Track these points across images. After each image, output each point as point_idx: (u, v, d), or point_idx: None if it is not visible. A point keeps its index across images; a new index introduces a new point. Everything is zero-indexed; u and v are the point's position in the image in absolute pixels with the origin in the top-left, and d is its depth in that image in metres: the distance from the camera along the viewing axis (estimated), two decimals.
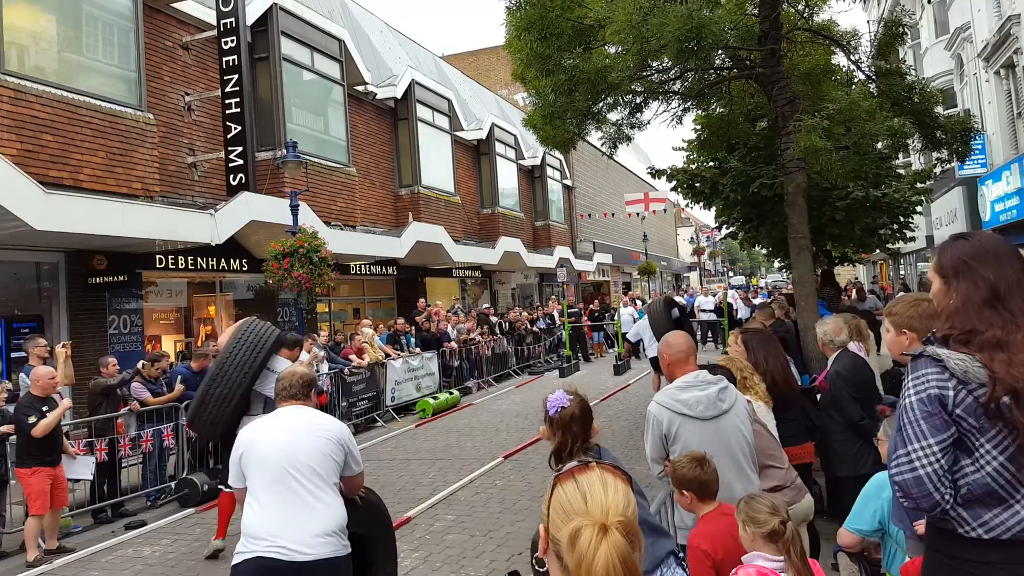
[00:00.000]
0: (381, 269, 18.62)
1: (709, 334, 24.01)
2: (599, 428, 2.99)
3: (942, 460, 1.98)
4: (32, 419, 7.02)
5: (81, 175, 9.90)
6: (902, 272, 31.45)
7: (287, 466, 3.48)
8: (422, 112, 20.22)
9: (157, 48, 12.45)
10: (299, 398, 3.80)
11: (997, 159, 17.83)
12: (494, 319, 20.56)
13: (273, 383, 5.94)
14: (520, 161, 27.50)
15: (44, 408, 7.14)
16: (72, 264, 11.07)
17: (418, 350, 15.68)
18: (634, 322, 21.84)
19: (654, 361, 12.52)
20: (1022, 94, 16.27)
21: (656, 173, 12.46)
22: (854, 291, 17.45)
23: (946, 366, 2.00)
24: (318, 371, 11.96)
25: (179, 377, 9.59)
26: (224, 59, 13.10)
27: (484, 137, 24.49)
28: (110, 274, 11.11)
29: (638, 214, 34.12)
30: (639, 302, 25.09)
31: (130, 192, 10.53)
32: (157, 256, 11.80)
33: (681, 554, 2.64)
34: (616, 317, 21.86)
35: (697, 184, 11.75)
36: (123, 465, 8.85)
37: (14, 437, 7.33)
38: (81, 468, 7.95)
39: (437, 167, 20.86)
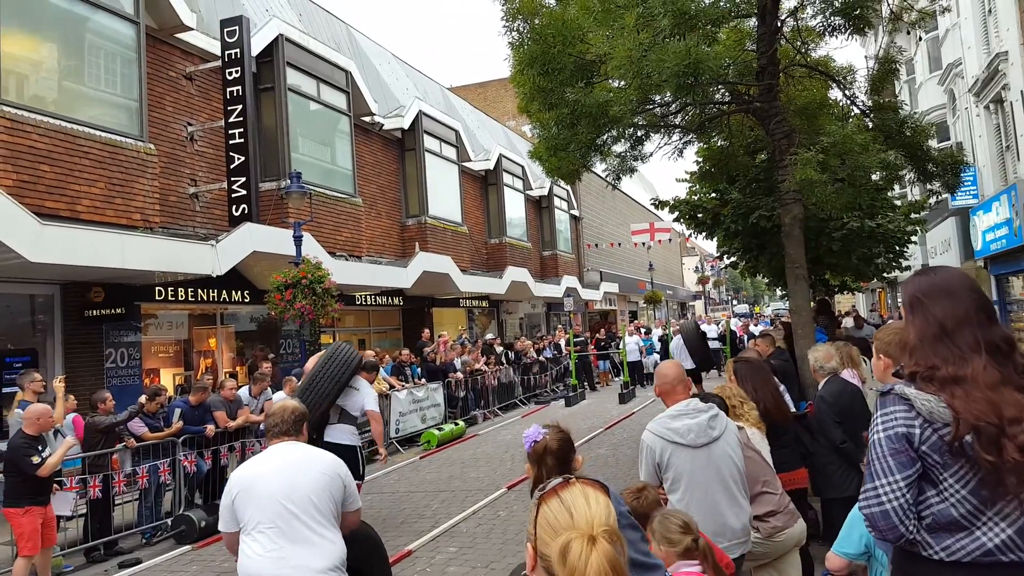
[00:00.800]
0: (387, 299, 18.59)
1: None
2: (582, 460, 2.99)
3: (907, 495, 2.07)
4: (35, 459, 6.78)
5: (79, 206, 9.93)
6: (899, 300, 31.59)
7: (287, 503, 3.40)
8: (429, 143, 20.32)
9: (160, 78, 12.56)
10: (291, 434, 3.69)
11: (988, 190, 18.11)
12: (499, 348, 20.49)
13: (352, 398, 7.72)
14: (528, 191, 27.58)
15: (38, 447, 6.95)
16: (68, 296, 11.03)
17: (423, 381, 15.60)
18: (639, 351, 22.50)
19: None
20: (1010, 128, 16.47)
21: (660, 204, 12.68)
22: (849, 319, 17.47)
23: (913, 405, 2.07)
24: None
25: (177, 412, 9.51)
26: (228, 89, 13.21)
27: (492, 168, 24.60)
28: (107, 306, 11.06)
29: (644, 243, 34.16)
30: (643, 331, 25.24)
31: (130, 223, 10.56)
32: (156, 288, 11.81)
33: None
34: (622, 346, 21.83)
35: (699, 215, 11.87)
36: (117, 502, 8.75)
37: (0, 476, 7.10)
38: (60, 504, 7.60)
39: (444, 197, 20.92)
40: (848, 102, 9.21)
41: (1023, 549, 2.01)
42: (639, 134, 9.76)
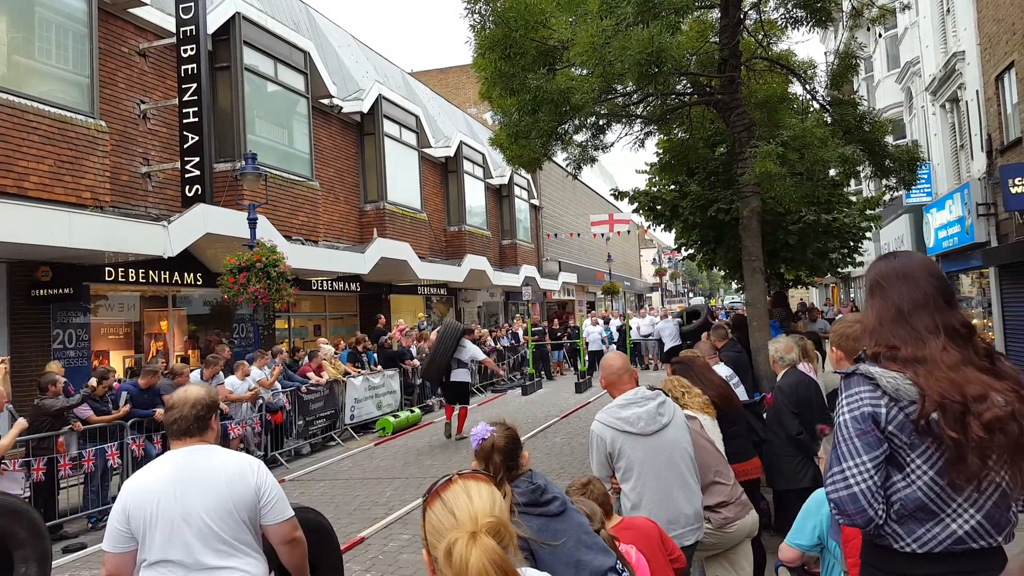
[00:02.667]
0: (344, 285, 18.40)
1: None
2: (528, 456, 2.95)
3: (875, 476, 2.04)
4: None
5: (27, 183, 9.62)
6: (852, 295, 32.40)
7: (183, 528, 2.86)
8: (389, 127, 20.11)
9: (112, 54, 12.19)
10: (193, 434, 3.04)
11: (941, 189, 18.58)
12: None
13: (462, 352, 12.40)
14: (488, 180, 27.49)
15: None
16: (14, 275, 10.67)
17: (379, 368, 15.48)
18: (602, 340, 22.72)
19: (670, 352, 18.08)
20: (965, 127, 16.88)
21: (619, 195, 12.68)
22: (803, 312, 17.82)
23: (878, 384, 2.05)
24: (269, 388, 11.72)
25: (124, 395, 9.29)
26: (183, 67, 12.88)
27: (452, 155, 24.44)
28: (55, 286, 10.76)
29: (603, 235, 34.32)
30: (602, 321, 25.41)
31: (79, 201, 10.26)
32: (106, 268, 11.50)
33: (625, 573, 2.67)
34: (581, 335, 21.95)
35: (658, 207, 11.93)
36: (63, 486, 8.52)
37: None
38: (10, 484, 7.49)
39: (404, 183, 20.74)
40: (808, 96, 9.33)
41: (992, 534, 2.02)
42: (600, 123, 9.75)
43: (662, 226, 12.43)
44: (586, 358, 21.05)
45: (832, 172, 10.74)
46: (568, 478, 9.16)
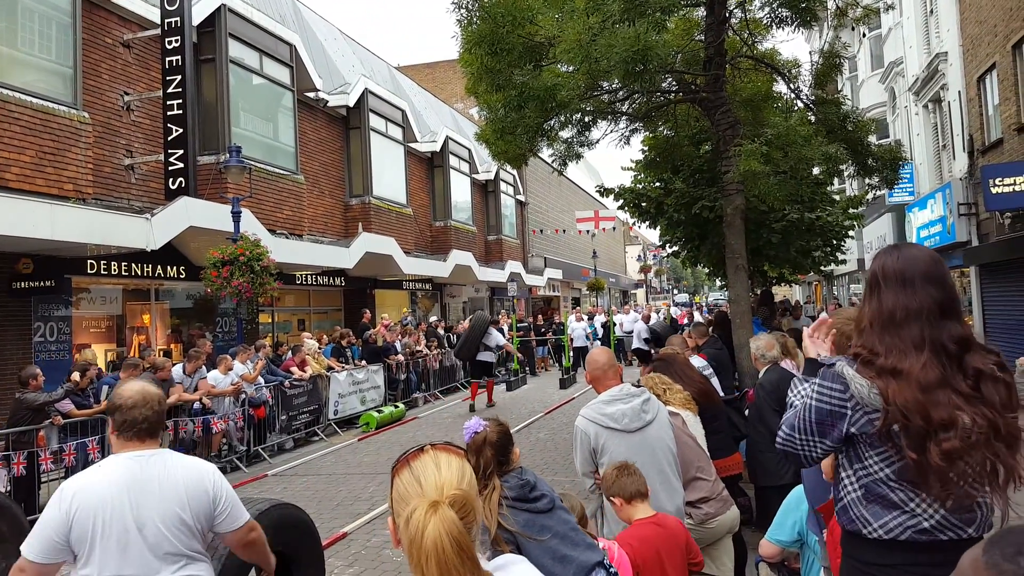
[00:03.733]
0: (329, 280, 18.33)
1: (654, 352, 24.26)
2: (519, 453, 2.98)
3: (819, 453, 2.22)
4: None
5: (8, 174, 9.52)
6: (835, 293, 32.65)
7: (138, 539, 2.65)
8: (375, 122, 20.03)
9: (96, 44, 12.06)
10: (144, 438, 2.78)
11: (924, 188, 18.74)
12: (442, 332, 20.44)
13: (488, 339, 15.60)
14: (474, 175, 27.44)
15: None
16: None
17: (364, 363, 15.45)
18: (587, 336, 22.82)
19: (637, 351, 19.64)
20: (947, 127, 17.02)
21: (605, 192, 12.69)
22: (788, 310, 17.94)
23: (848, 387, 2.11)
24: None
25: (106, 389, 9.24)
26: (167, 59, 12.76)
27: (438, 150, 24.37)
28: (37, 279, 10.64)
29: (588, 231, 34.37)
30: (587, 317, 25.55)
31: (61, 193, 10.17)
32: (89, 261, 11.39)
33: (612, 568, 2.71)
34: (566, 331, 22.00)
35: (643, 204, 11.96)
36: (44, 480, 8.46)
37: None
38: None
39: (389, 178, 20.67)
40: (792, 95, 9.38)
41: (959, 526, 2.05)
42: (586, 120, 9.77)
43: (647, 223, 12.44)
44: (571, 354, 21.11)
45: (815, 171, 10.83)
46: (552, 473, 9.22)
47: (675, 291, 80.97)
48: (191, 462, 2.90)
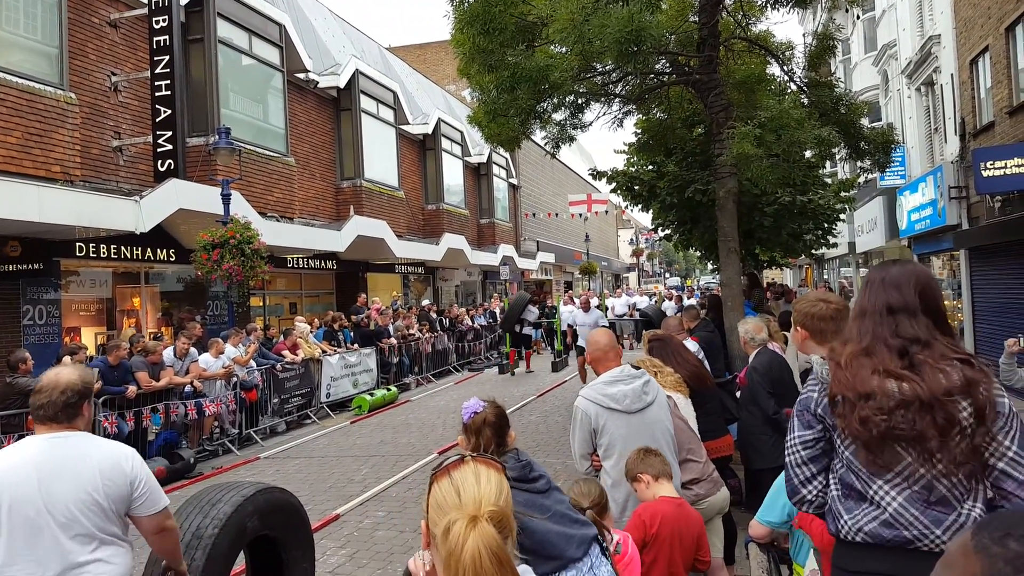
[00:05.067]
0: (320, 263, 18.27)
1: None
2: (515, 436, 2.98)
3: (802, 452, 2.35)
4: None
5: None
6: (826, 276, 32.74)
7: (47, 519, 2.67)
8: (366, 103, 19.90)
9: (82, 24, 11.91)
10: (61, 420, 2.80)
11: (915, 171, 18.76)
12: (434, 315, 20.41)
13: (527, 314, 17.88)
14: (466, 158, 27.34)
15: None
16: None
17: (356, 346, 15.43)
18: (597, 325, 22.83)
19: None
20: (939, 110, 17.03)
21: (597, 175, 12.65)
22: (782, 294, 17.98)
23: (818, 373, 2.37)
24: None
25: (95, 372, 9.18)
26: (155, 39, 12.61)
27: (430, 132, 24.24)
28: (25, 262, 10.58)
29: (581, 215, 34.34)
30: (577, 300, 25.48)
31: (48, 175, 10.06)
32: (77, 244, 11.29)
33: (604, 544, 2.76)
34: (556, 315, 21.98)
35: (636, 187, 11.93)
36: None
37: None
38: None
39: (381, 160, 20.56)
40: (786, 78, 9.34)
41: (925, 525, 2.10)
42: (579, 102, 9.71)
43: (640, 206, 12.43)
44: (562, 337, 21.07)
45: (808, 154, 10.82)
46: (544, 455, 9.23)
47: (667, 275, 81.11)
48: (109, 445, 2.91)
